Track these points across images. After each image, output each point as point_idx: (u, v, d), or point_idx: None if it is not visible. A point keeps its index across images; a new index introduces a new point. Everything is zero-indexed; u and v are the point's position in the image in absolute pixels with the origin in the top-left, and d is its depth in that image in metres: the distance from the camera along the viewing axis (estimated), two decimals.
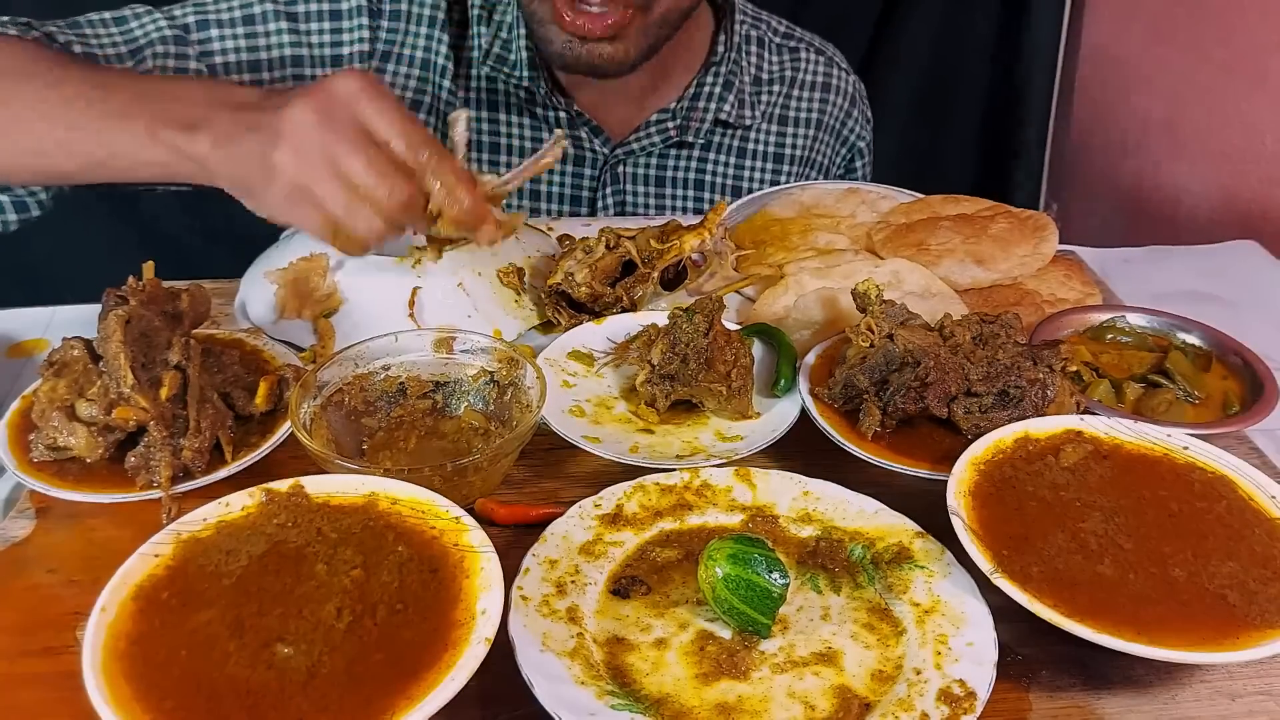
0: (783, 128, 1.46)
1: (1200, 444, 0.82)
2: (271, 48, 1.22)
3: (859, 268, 1.11)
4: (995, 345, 0.89)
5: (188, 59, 1.17)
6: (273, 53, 1.22)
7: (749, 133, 1.44)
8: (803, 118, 1.48)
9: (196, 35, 1.18)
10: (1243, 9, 1.69)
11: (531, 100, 1.34)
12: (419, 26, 1.30)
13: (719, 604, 0.71)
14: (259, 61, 1.22)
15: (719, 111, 1.40)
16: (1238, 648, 0.67)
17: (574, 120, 1.36)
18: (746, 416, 0.93)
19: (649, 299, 1.08)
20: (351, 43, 1.27)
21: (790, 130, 1.47)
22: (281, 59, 1.23)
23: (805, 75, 1.48)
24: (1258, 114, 1.66)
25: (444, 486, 0.77)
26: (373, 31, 1.28)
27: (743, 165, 1.45)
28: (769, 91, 1.46)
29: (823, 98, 1.49)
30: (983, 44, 2.25)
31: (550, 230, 1.22)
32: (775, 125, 1.46)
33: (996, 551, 0.72)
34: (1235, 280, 1.28)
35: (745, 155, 1.45)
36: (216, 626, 0.65)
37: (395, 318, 1.02)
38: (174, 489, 0.80)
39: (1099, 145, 2.14)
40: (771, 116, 1.46)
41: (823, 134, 1.50)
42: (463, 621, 0.66)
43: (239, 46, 1.20)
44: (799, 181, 1.46)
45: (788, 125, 1.47)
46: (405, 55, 1.31)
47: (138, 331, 0.83)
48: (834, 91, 1.50)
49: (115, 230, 1.98)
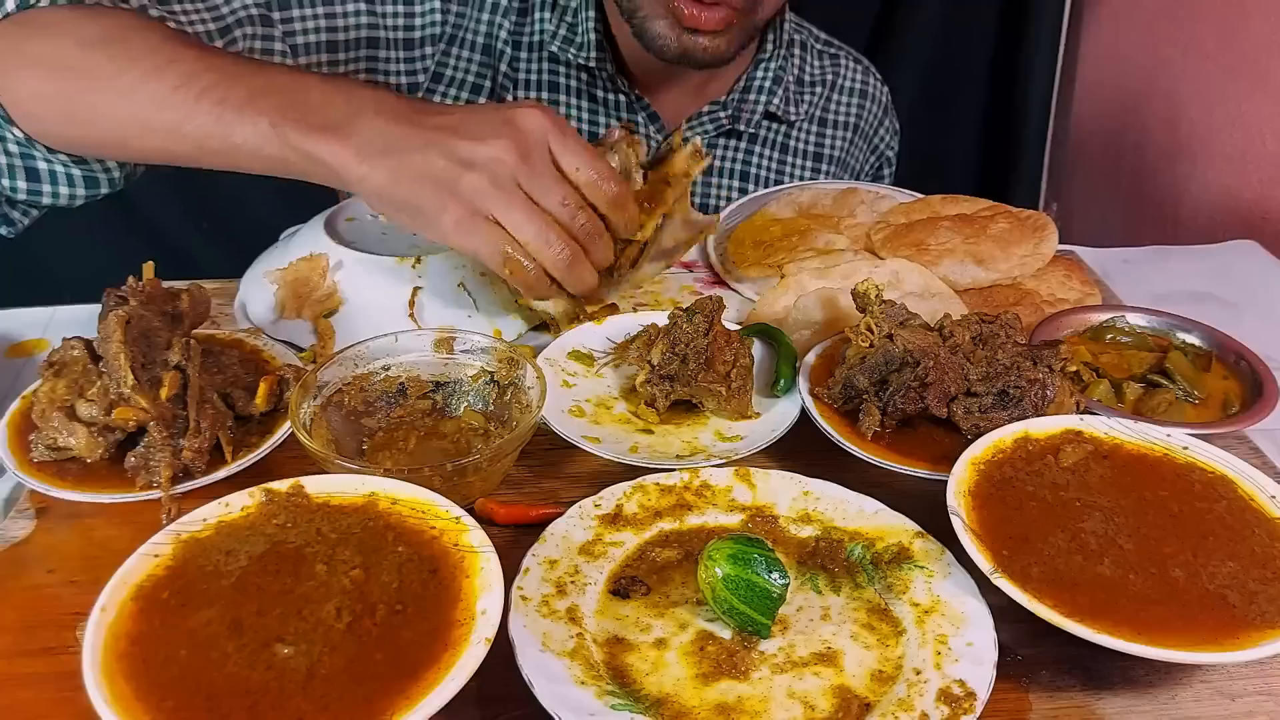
0: (822, 129, 1.52)
1: (1200, 444, 0.82)
2: (349, 28, 1.24)
3: (859, 268, 1.11)
4: (995, 345, 0.89)
5: (273, 39, 1.18)
6: (350, 33, 1.24)
7: (791, 130, 1.50)
8: (841, 120, 1.53)
9: (279, 14, 1.19)
10: (1243, 9, 1.69)
11: (592, 82, 1.38)
12: (482, 12, 1.34)
13: (719, 604, 0.71)
14: (337, 42, 1.23)
15: (769, 104, 1.45)
16: (1238, 648, 0.67)
17: (633, 104, 1.40)
18: (746, 416, 0.93)
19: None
20: (424, 26, 1.29)
21: (829, 132, 1.52)
22: (359, 40, 1.25)
23: (844, 80, 1.54)
24: (1258, 114, 1.66)
25: (444, 486, 0.77)
26: (444, 15, 1.31)
27: (785, 161, 1.50)
28: (811, 92, 1.51)
29: (860, 104, 1.54)
30: (983, 44, 2.25)
31: None
32: (815, 126, 1.51)
33: (996, 551, 0.72)
34: (1235, 280, 1.28)
35: (788, 151, 1.50)
36: (216, 626, 0.65)
37: (395, 318, 1.02)
38: (174, 489, 0.80)
39: (1099, 145, 2.14)
40: (813, 117, 1.51)
41: (858, 138, 1.55)
42: (462, 621, 0.66)
43: (319, 26, 1.21)
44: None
45: (827, 127, 1.52)
46: (468, 40, 1.35)
47: (138, 331, 0.83)
48: (870, 99, 1.56)
49: (115, 230, 1.98)
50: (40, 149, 0.97)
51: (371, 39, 1.25)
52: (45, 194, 1.01)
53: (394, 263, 1.04)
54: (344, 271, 1.04)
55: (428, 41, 1.31)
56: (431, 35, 1.31)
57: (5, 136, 0.96)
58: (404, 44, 1.29)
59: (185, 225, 2.15)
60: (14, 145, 0.97)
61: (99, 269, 0.93)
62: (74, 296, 1.12)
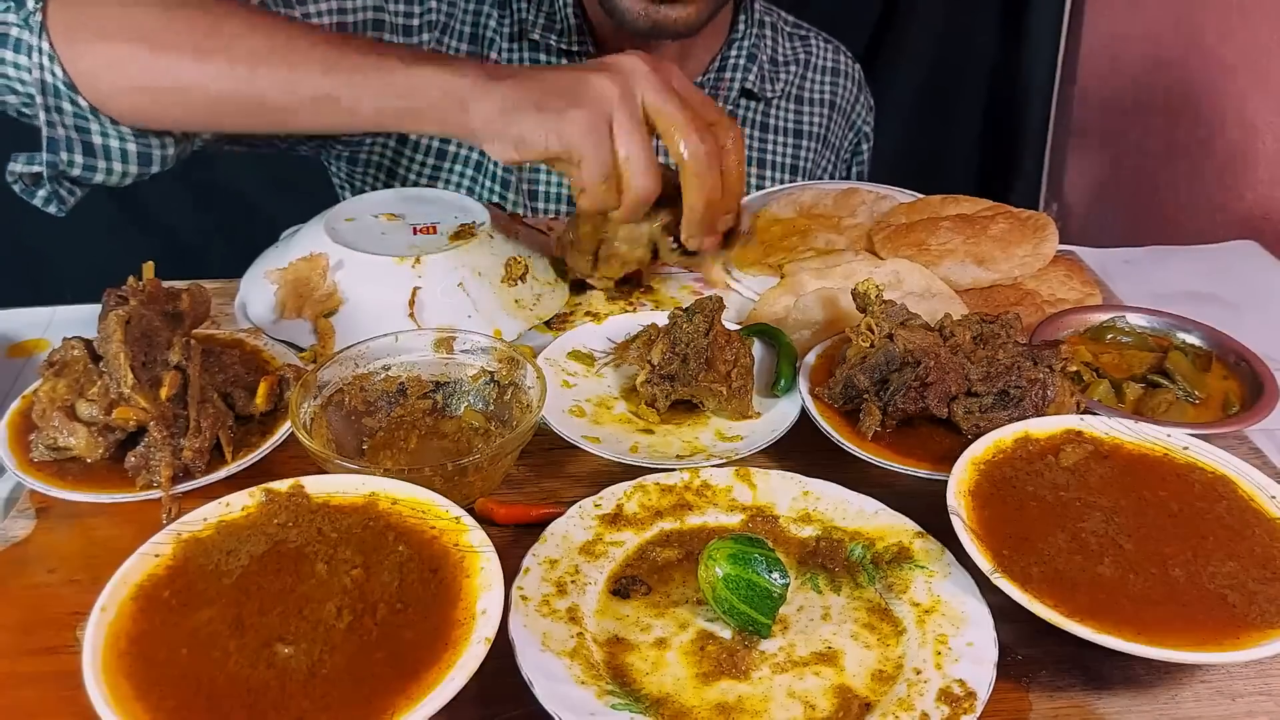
0: (799, 106, 1.53)
1: (1200, 444, 0.82)
2: (358, 11, 1.24)
3: (859, 268, 1.12)
4: (995, 345, 0.89)
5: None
6: (358, 16, 1.25)
7: (770, 108, 1.51)
8: (817, 98, 1.55)
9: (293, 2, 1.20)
10: (1243, 9, 1.69)
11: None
12: (470, 1, 1.36)
13: (719, 604, 0.71)
14: (346, 25, 1.24)
15: (744, 81, 1.46)
16: (1238, 648, 0.67)
17: None
18: (746, 416, 0.93)
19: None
20: (424, 13, 1.31)
21: (807, 109, 1.54)
22: (365, 23, 1.26)
23: (817, 59, 1.56)
24: (1258, 114, 1.66)
25: (444, 486, 0.77)
26: (439, 3, 1.32)
27: (766, 140, 1.51)
28: (786, 71, 1.53)
29: (834, 81, 1.57)
30: (983, 44, 2.26)
31: (549, 230, 1.22)
32: (793, 104, 1.53)
33: (996, 551, 0.72)
34: (1235, 280, 1.28)
35: (768, 130, 1.51)
36: (217, 626, 0.65)
37: (395, 318, 1.02)
38: (174, 489, 0.80)
39: (1099, 145, 2.15)
40: (789, 95, 1.53)
41: (836, 115, 1.57)
42: (463, 621, 0.66)
43: (330, 9, 1.21)
44: (815, 158, 1.54)
45: (804, 104, 1.54)
46: (457, 29, 1.36)
47: (138, 331, 0.83)
48: (843, 76, 1.58)
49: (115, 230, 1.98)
50: (101, 121, 0.96)
51: (377, 22, 1.27)
52: (99, 170, 1.01)
53: (394, 263, 1.04)
54: (344, 271, 1.04)
55: (425, 29, 1.32)
56: (429, 22, 1.32)
57: (63, 109, 0.94)
58: (404, 30, 1.30)
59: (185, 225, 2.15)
60: (71, 118, 0.95)
61: (99, 269, 0.93)
62: (74, 296, 1.12)
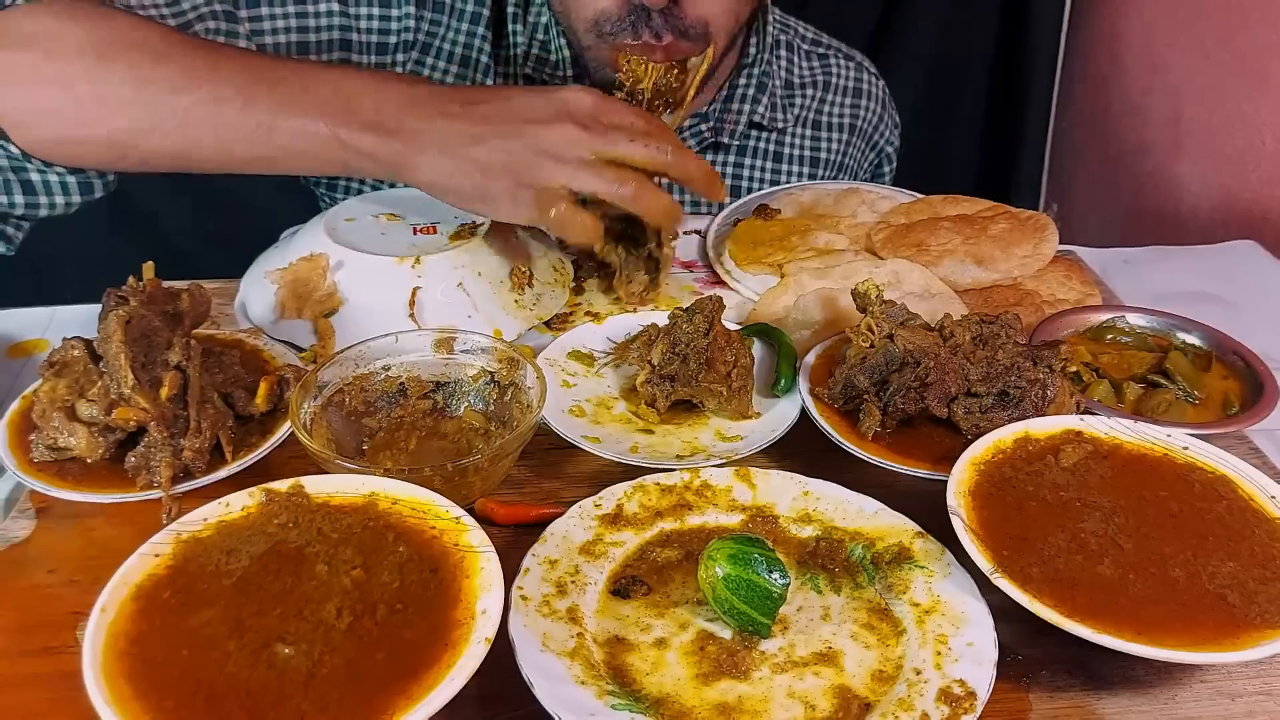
0: (816, 132, 1.47)
1: (1200, 444, 0.82)
2: (321, 29, 1.21)
3: (859, 268, 1.12)
4: (995, 345, 0.89)
5: (237, 36, 1.14)
6: (322, 34, 1.21)
7: (784, 137, 1.45)
8: (836, 122, 1.48)
9: (246, 12, 1.15)
10: (1243, 9, 1.69)
11: None
12: (460, 22, 1.29)
13: (719, 604, 0.71)
14: (308, 43, 1.20)
15: (753, 113, 1.40)
16: (1238, 648, 0.67)
17: None
18: (746, 416, 0.93)
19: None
20: (399, 31, 1.26)
21: (825, 135, 1.47)
22: (330, 41, 1.22)
23: (837, 80, 1.49)
24: (1258, 114, 1.66)
25: (444, 486, 0.77)
26: (417, 21, 1.27)
27: (779, 169, 1.45)
28: (802, 95, 1.46)
29: (855, 103, 1.49)
30: (983, 45, 2.25)
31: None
32: (809, 130, 1.46)
33: (996, 551, 0.72)
34: (1235, 280, 1.28)
35: (781, 159, 1.45)
36: (217, 626, 0.65)
37: (395, 318, 1.02)
38: (174, 489, 0.80)
39: (1099, 145, 2.14)
40: (805, 121, 1.46)
41: (856, 139, 1.51)
42: (463, 621, 0.66)
43: (289, 26, 1.18)
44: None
45: (821, 130, 1.47)
46: (444, 50, 1.30)
47: (138, 332, 0.83)
48: (866, 96, 1.51)
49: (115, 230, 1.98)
50: (35, 162, 0.96)
51: (344, 41, 1.22)
52: (42, 205, 1.00)
53: (394, 263, 1.04)
54: (344, 271, 1.04)
55: (400, 48, 1.27)
56: (405, 41, 1.27)
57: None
58: (377, 48, 1.25)
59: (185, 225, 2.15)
60: (5, 160, 0.95)
61: (99, 269, 0.93)
62: (74, 296, 1.12)
